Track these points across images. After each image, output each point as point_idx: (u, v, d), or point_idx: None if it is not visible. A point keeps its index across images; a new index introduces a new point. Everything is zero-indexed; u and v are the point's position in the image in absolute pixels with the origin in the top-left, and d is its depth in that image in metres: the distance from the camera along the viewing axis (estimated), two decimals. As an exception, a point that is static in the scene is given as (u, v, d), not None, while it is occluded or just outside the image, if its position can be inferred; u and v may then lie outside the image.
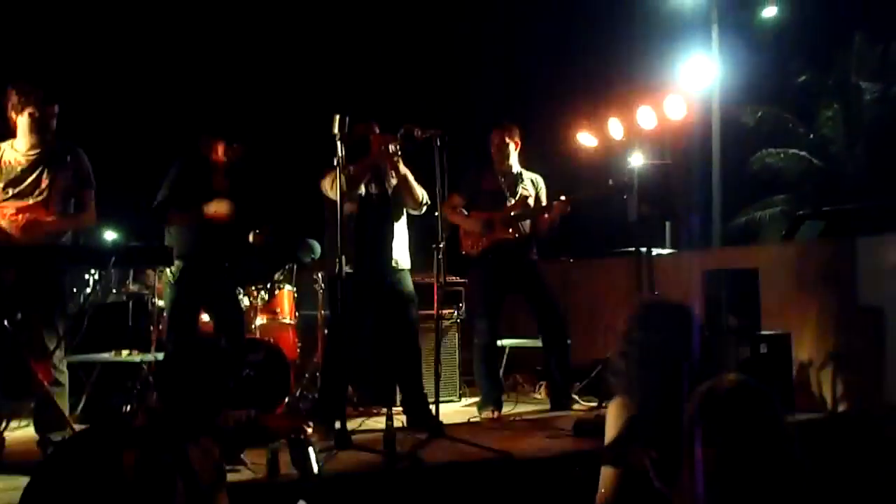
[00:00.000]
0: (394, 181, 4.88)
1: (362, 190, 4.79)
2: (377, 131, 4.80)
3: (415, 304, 4.91)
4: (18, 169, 4.10)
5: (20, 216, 4.03)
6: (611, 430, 2.49)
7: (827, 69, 16.59)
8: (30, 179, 4.10)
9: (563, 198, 5.45)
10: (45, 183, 4.12)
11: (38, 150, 4.13)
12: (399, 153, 4.73)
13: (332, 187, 4.54)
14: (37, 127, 4.08)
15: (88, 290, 5.42)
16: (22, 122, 4.09)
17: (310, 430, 3.18)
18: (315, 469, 3.05)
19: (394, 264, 4.84)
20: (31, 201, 4.08)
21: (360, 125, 4.83)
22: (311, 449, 3.08)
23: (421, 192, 4.84)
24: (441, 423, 4.41)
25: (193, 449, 2.65)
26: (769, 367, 4.91)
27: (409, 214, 5.01)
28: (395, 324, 4.88)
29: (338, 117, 4.27)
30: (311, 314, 6.17)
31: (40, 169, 4.12)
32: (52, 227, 4.10)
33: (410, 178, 4.83)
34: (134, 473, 2.43)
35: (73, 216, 4.24)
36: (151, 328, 5.49)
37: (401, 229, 4.95)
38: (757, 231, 16.73)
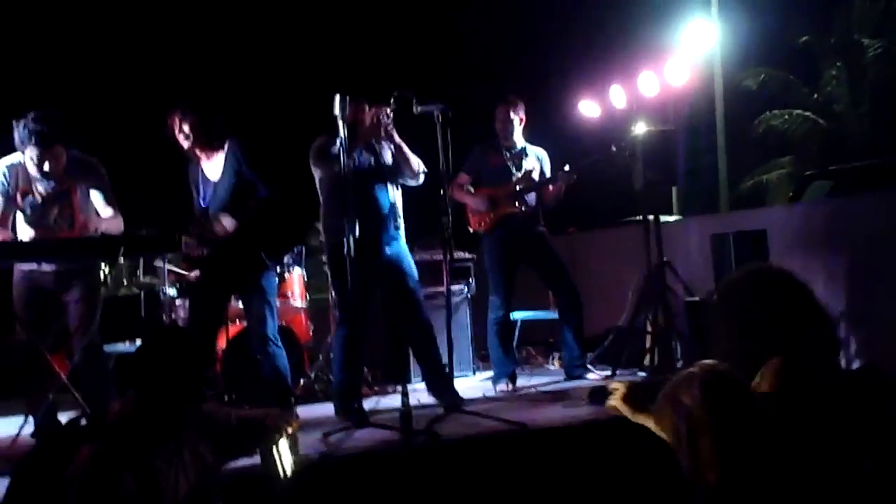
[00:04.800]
0: (388, 152, 4.78)
1: (356, 161, 4.65)
2: (367, 110, 4.70)
3: (414, 274, 4.81)
4: None
5: None
6: None
7: (828, 28, 16.44)
8: None
9: (567, 168, 5.43)
10: None
11: None
12: (392, 124, 4.63)
13: (325, 166, 4.56)
14: None
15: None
16: None
17: (294, 424, 2.80)
18: (286, 469, 2.70)
19: (392, 234, 4.75)
20: None
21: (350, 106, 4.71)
22: (283, 445, 2.71)
23: (417, 161, 4.74)
24: (460, 396, 4.43)
25: (165, 452, 2.49)
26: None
27: (405, 187, 4.93)
28: (398, 297, 4.81)
29: (338, 98, 4.26)
30: (322, 297, 6.20)
31: None
32: None
33: (405, 147, 4.71)
34: (81, 469, 2.34)
35: None
36: (164, 318, 5.52)
37: (397, 200, 4.86)
38: (764, 194, 16.65)
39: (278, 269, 5.81)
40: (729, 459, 1.86)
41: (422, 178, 4.79)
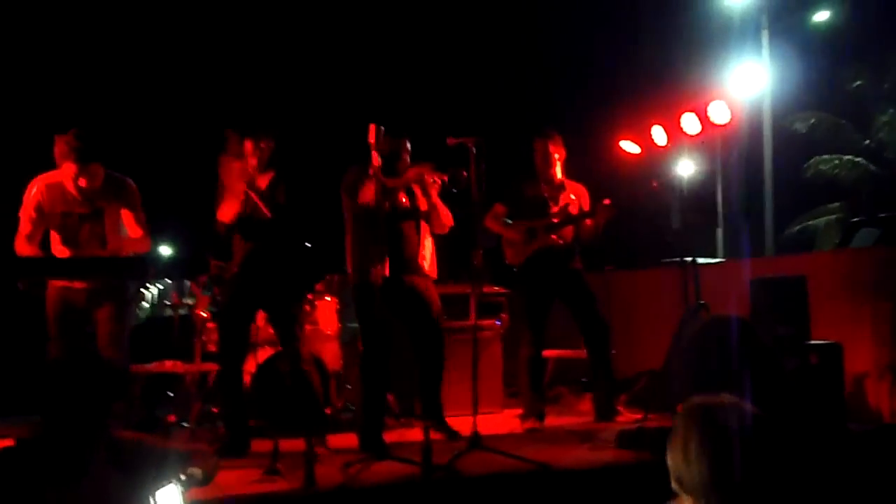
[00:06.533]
0: (424, 201, 4.86)
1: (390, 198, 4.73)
2: (409, 147, 4.79)
3: (440, 311, 4.88)
4: None
5: None
6: None
7: (881, 73, 16.20)
8: None
9: (606, 202, 5.33)
10: None
11: None
12: (436, 183, 4.74)
13: (359, 195, 4.55)
14: None
15: (145, 304, 5.50)
16: None
17: (197, 472, 2.65)
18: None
19: (422, 273, 4.83)
20: None
21: (390, 139, 4.73)
22: (169, 492, 2.56)
23: (448, 218, 4.87)
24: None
25: (62, 477, 2.44)
26: (819, 378, 4.74)
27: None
28: (420, 329, 4.86)
29: (373, 127, 4.28)
30: (354, 325, 6.16)
31: None
32: None
33: (440, 207, 4.84)
34: None
35: None
36: (195, 340, 5.54)
37: (427, 242, 4.92)
38: (811, 240, 16.36)
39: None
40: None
41: (447, 230, 4.91)
